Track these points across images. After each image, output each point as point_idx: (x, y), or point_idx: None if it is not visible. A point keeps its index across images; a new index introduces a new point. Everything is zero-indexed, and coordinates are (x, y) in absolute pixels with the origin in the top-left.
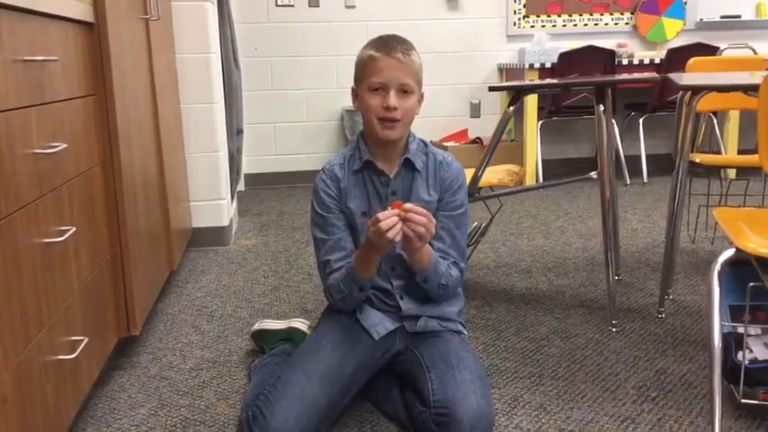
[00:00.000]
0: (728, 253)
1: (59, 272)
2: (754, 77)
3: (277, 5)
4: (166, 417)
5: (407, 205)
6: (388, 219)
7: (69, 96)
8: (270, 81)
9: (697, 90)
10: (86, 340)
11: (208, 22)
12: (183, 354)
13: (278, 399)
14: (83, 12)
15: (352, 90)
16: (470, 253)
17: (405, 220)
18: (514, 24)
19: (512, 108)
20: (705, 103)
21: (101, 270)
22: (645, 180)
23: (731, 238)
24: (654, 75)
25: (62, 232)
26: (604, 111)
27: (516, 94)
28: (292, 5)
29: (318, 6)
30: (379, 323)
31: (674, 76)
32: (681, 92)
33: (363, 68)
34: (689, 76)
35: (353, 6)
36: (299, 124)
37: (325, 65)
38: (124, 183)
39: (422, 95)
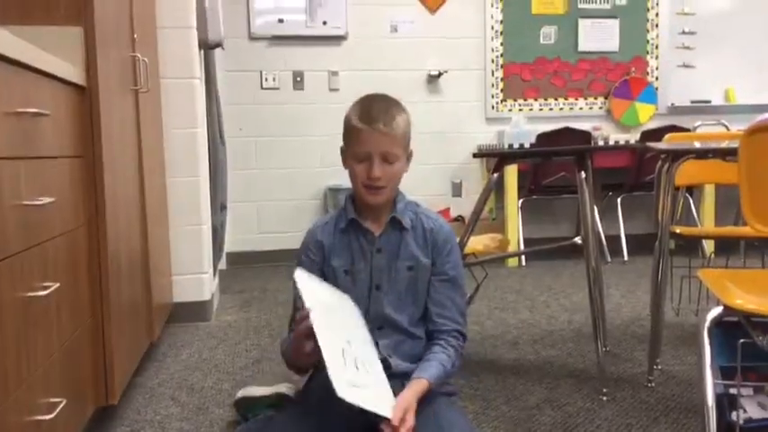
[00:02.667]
0: (717, 311)
1: (41, 328)
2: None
3: (263, 88)
4: None
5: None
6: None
7: (58, 155)
8: (254, 160)
9: (677, 155)
10: (64, 402)
11: (195, 98)
12: (161, 426)
13: None
14: (75, 75)
15: (341, 149)
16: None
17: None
18: (492, 108)
19: (495, 175)
20: (682, 177)
21: (81, 333)
22: (625, 258)
23: (718, 296)
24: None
25: (45, 287)
26: (585, 178)
27: (499, 162)
28: (278, 88)
29: (303, 89)
30: None
31: (653, 144)
32: (659, 164)
33: (348, 135)
34: (668, 143)
35: (337, 89)
36: (283, 203)
37: (308, 145)
38: (108, 247)
39: (410, 153)
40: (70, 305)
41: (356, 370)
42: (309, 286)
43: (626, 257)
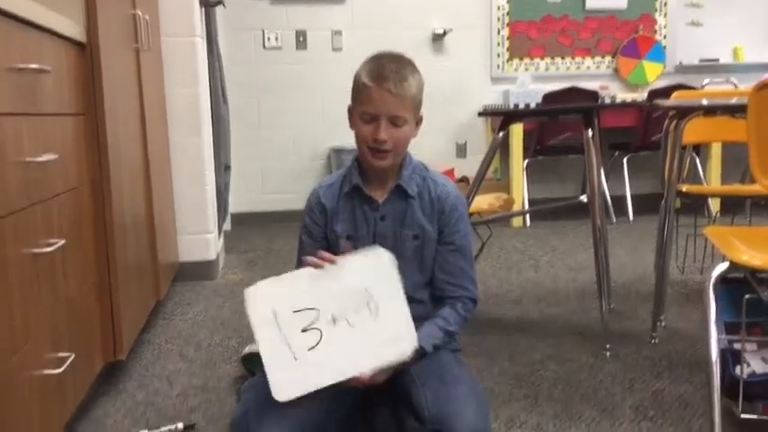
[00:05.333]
0: (722, 267)
1: (47, 284)
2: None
3: (265, 48)
4: None
5: None
6: None
7: (60, 112)
8: (257, 121)
9: (685, 112)
10: (73, 357)
11: (197, 57)
12: (170, 380)
13: (267, 414)
14: (76, 31)
15: (349, 108)
16: None
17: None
18: (498, 67)
19: (500, 135)
20: (689, 135)
21: (88, 290)
22: (630, 218)
23: (724, 252)
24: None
25: (50, 244)
26: (592, 137)
27: (504, 121)
28: (280, 47)
29: (306, 49)
30: None
31: (661, 101)
32: (667, 122)
33: (357, 93)
34: (676, 100)
35: (340, 49)
36: (286, 164)
37: (311, 105)
38: (113, 205)
39: (420, 118)
40: (76, 262)
41: (312, 347)
42: (263, 299)
43: (631, 217)
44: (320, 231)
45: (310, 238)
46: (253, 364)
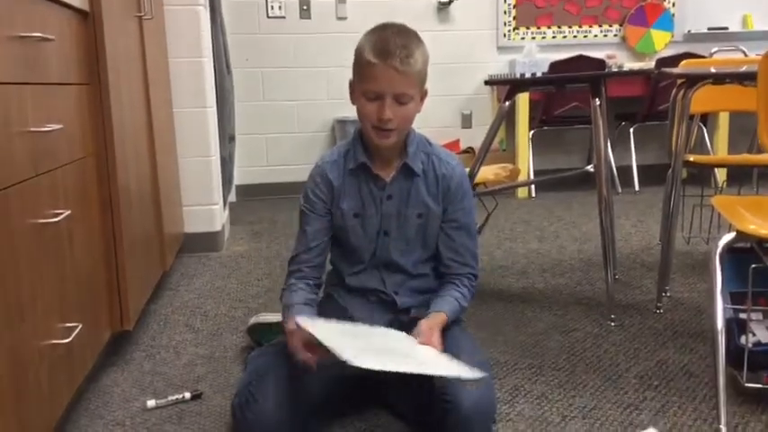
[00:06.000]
0: (729, 236)
1: (54, 255)
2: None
3: (268, 17)
4: (162, 409)
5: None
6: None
7: (64, 81)
8: (261, 92)
9: (693, 80)
10: (80, 327)
11: (200, 27)
12: (176, 350)
13: (271, 384)
14: (79, 0)
15: (350, 83)
16: None
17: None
18: (504, 36)
19: (506, 104)
20: (697, 104)
21: (94, 261)
22: (636, 189)
23: (731, 222)
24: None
25: (56, 215)
26: (599, 105)
27: (511, 90)
28: (284, 17)
29: (310, 18)
30: (368, 317)
31: (669, 69)
32: (675, 90)
33: (360, 69)
34: (685, 68)
35: (345, 18)
36: (291, 135)
37: (315, 75)
38: (118, 176)
39: (425, 92)
40: (82, 232)
41: (367, 343)
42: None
43: (637, 188)
44: (324, 207)
45: (314, 213)
46: (259, 334)
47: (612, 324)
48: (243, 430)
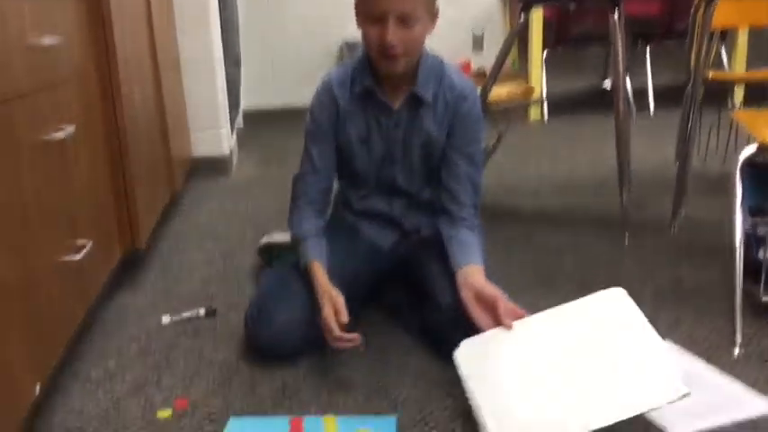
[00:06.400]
0: (750, 149)
1: (59, 171)
2: None
3: None
4: (176, 324)
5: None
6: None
7: None
8: (266, 13)
9: None
10: (90, 244)
11: None
12: (189, 270)
13: (283, 297)
14: None
15: (355, 3)
16: None
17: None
18: None
19: (521, 18)
20: (716, 19)
21: (101, 178)
22: (652, 111)
23: (753, 133)
24: None
25: (60, 129)
26: (618, 19)
27: (525, 5)
28: None
29: None
30: (377, 237)
31: None
32: (695, 6)
33: None
34: None
35: None
36: (298, 59)
37: None
38: (123, 92)
39: (436, 11)
40: (87, 149)
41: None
42: (472, 355)
43: (652, 111)
44: (331, 127)
45: (320, 133)
46: (270, 254)
47: (626, 243)
48: (253, 341)
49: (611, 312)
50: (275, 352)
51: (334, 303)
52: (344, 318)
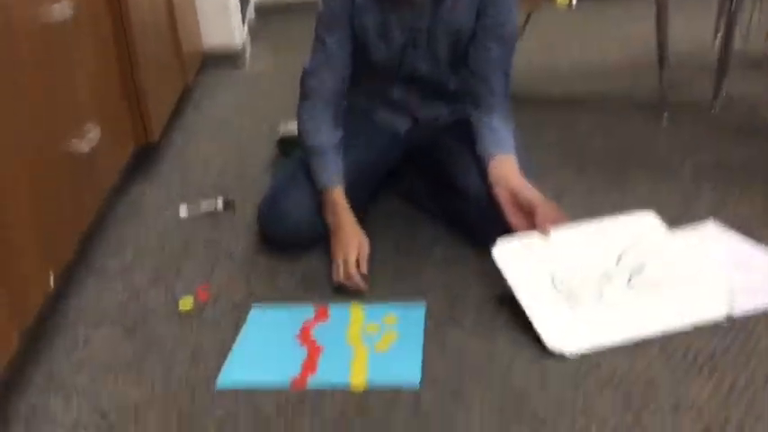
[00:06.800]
0: None
1: (62, 56)
2: None
3: None
4: (193, 215)
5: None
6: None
7: None
8: None
9: None
10: (100, 133)
11: None
12: (204, 162)
13: (295, 186)
14: None
15: None
16: None
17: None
18: None
19: None
20: None
21: (108, 65)
22: None
23: None
24: None
25: (59, 9)
26: None
27: None
28: None
29: None
30: (392, 122)
31: None
32: None
33: None
34: None
35: None
36: None
37: None
38: None
39: None
40: (91, 32)
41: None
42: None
43: None
44: (345, 16)
45: (335, 21)
46: (287, 146)
47: (665, 123)
48: (266, 228)
49: (649, 230)
50: (289, 244)
51: (360, 250)
52: (365, 268)
